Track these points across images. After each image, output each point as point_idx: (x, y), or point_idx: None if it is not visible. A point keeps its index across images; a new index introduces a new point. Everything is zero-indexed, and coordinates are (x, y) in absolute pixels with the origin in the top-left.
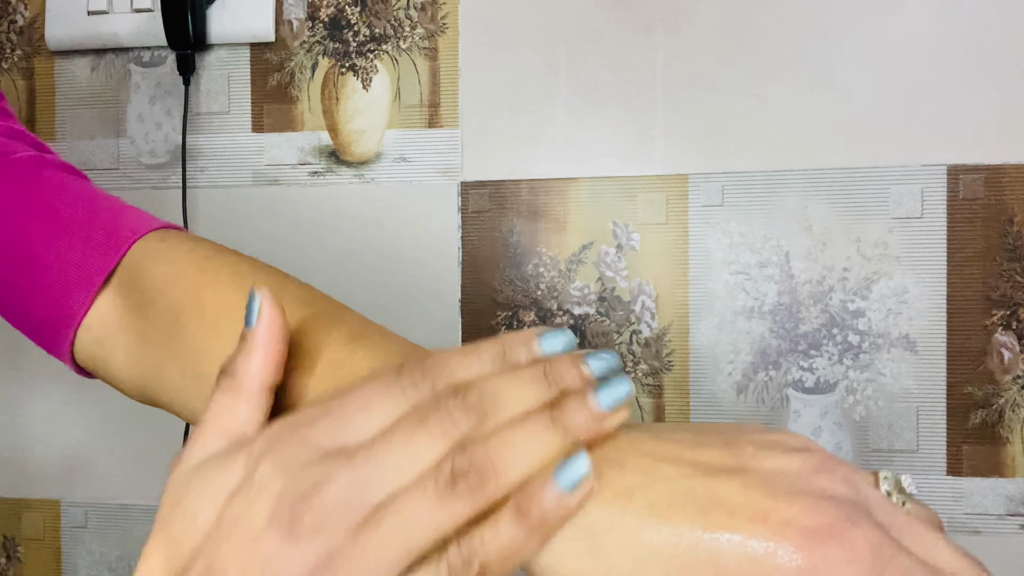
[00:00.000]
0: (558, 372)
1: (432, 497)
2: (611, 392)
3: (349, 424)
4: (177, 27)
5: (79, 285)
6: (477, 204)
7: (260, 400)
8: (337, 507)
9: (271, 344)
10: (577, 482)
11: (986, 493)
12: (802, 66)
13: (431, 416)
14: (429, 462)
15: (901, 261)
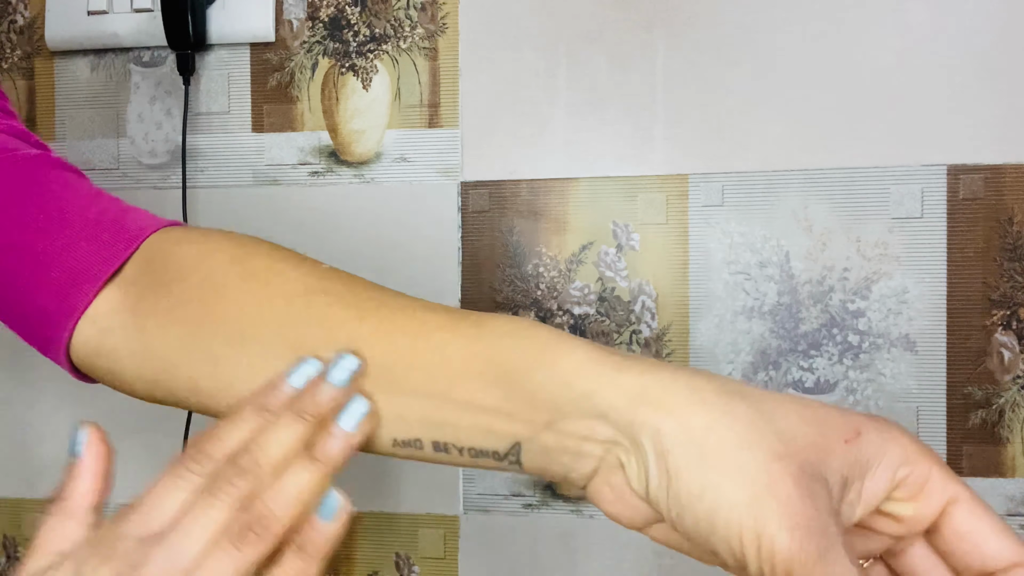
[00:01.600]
0: (306, 406)
1: (230, 550)
2: (351, 415)
3: (154, 514)
4: (177, 27)
5: (85, 278)
6: (477, 204)
7: (87, 518)
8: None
9: (97, 471)
10: (334, 512)
11: (986, 493)
12: (802, 66)
13: (215, 488)
14: (223, 523)
15: (901, 261)
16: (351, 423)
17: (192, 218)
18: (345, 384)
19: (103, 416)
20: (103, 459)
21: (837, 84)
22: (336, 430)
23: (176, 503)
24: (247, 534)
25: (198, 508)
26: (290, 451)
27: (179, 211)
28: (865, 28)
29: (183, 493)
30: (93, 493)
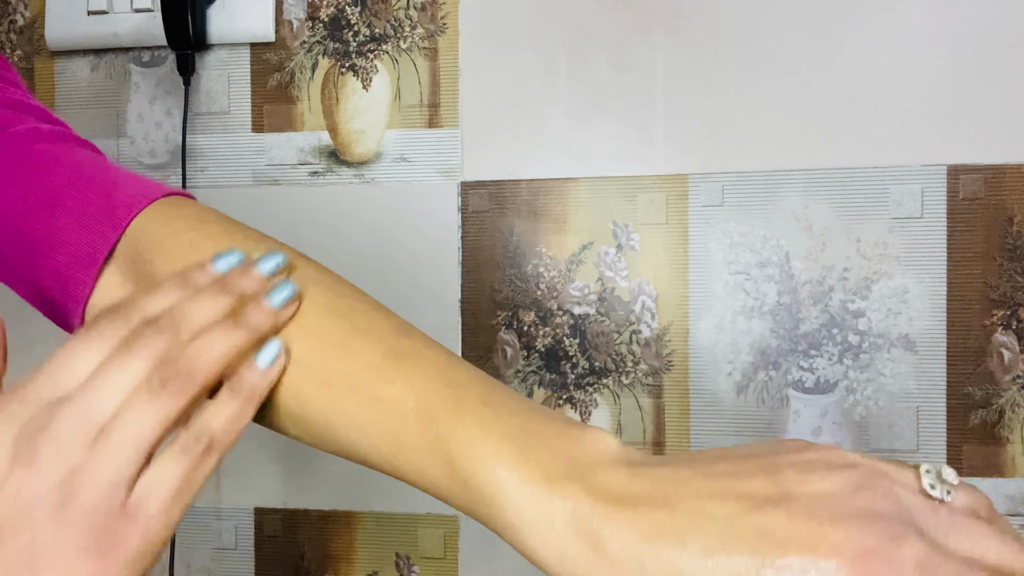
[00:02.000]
0: (233, 282)
1: (147, 401)
2: (279, 293)
3: (63, 373)
4: (177, 27)
5: (79, 264)
6: (477, 204)
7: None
8: (68, 433)
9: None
10: (272, 359)
11: (986, 493)
12: (802, 66)
13: (132, 343)
14: (140, 379)
15: (901, 261)
16: (279, 300)
17: None
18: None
19: None
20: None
21: (837, 84)
22: (264, 303)
23: (89, 363)
24: (167, 384)
25: (112, 363)
26: (213, 319)
27: None
28: (865, 28)
29: (96, 355)
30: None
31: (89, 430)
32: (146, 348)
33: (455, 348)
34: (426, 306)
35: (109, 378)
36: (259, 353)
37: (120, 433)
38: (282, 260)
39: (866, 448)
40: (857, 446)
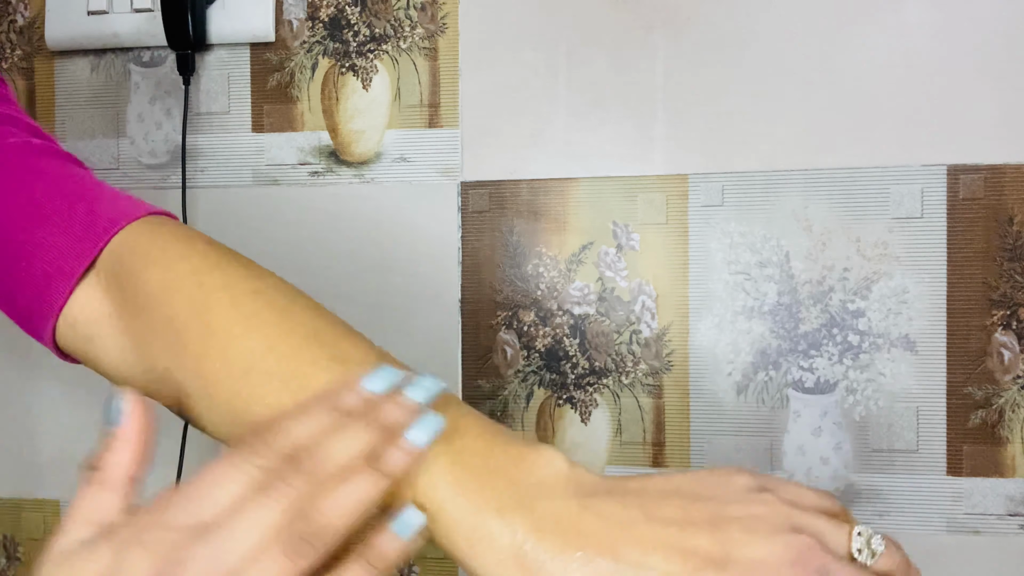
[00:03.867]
0: (380, 415)
1: (279, 556)
2: (424, 428)
3: (204, 503)
4: (177, 27)
5: (58, 276)
6: (477, 204)
7: (125, 491)
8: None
9: (137, 443)
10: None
11: (986, 493)
12: (802, 66)
13: (271, 486)
14: (275, 526)
15: (901, 261)
16: (423, 438)
17: (192, 218)
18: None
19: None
20: (144, 430)
21: (837, 84)
22: (405, 443)
23: (228, 495)
24: (300, 544)
25: (251, 505)
26: (355, 458)
27: (179, 211)
28: (865, 28)
29: (237, 485)
30: (132, 465)
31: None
32: (283, 492)
33: (455, 348)
34: (426, 306)
35: (245, 521)
36: (398, 519)
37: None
38: (438, 390)
39: (866, 448)
40: (857, 446)
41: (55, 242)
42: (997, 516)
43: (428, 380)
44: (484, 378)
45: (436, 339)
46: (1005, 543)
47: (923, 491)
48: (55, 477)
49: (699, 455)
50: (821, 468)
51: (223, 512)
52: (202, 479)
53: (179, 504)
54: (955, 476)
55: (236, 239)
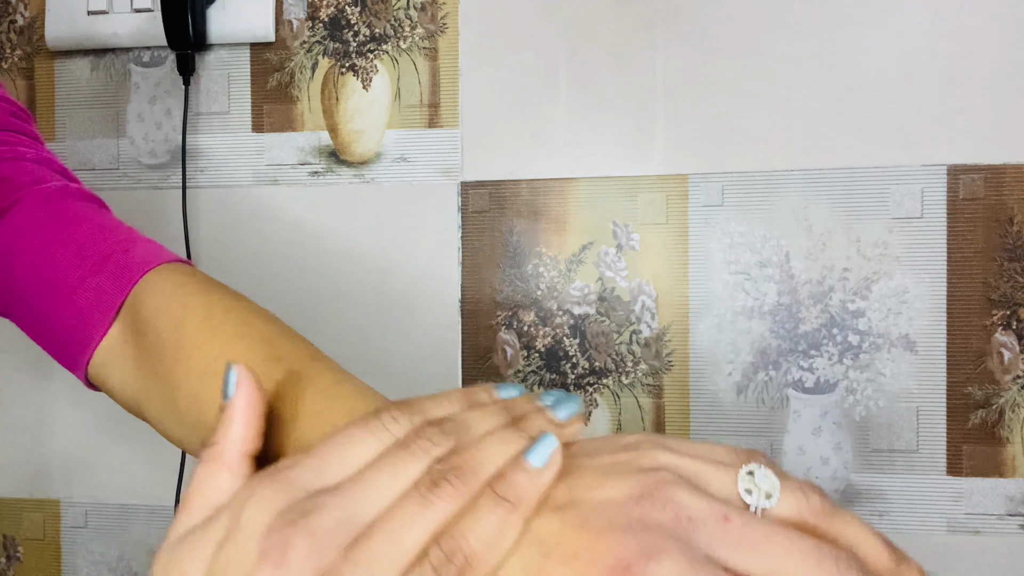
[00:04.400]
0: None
1: (417, 503)
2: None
3: (332, 462)
4: (177, 27)
5: (97, 311)
6: (477, 204)
7: (242, 468)
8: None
9: (249, 414)
10: (548, 457)
11: (986, 493)
12: (802, 66)
13: (411, 443)
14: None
15: (901, 261)
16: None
17: (192, 218)
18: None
19: (103, 416)
20: (257, 402)
21: (837, 84)
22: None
23: (360, 454)
24: (440, 484)
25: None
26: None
27: (179, 211)
28: (865, 28)
29: (371, 448)
30: (247, 440)
31: (350, 529)
32: (426, 448)
33: (455, 348)
34: (426, 306)
35: (382, 475)
36: (531, 450)
37: (380, 538)
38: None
39: (866, 448)
40: (857, 446)
41: (94, 282)
42: (997, 516)
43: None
44: (484, 378)
45: (436, 339)
46: (1005, 543)
47: (923, 491)
48: (56, 477)
49: None
50: (821, 468)
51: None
52: (333, 440)
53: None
54: (955, 476)
55: (236, 239)
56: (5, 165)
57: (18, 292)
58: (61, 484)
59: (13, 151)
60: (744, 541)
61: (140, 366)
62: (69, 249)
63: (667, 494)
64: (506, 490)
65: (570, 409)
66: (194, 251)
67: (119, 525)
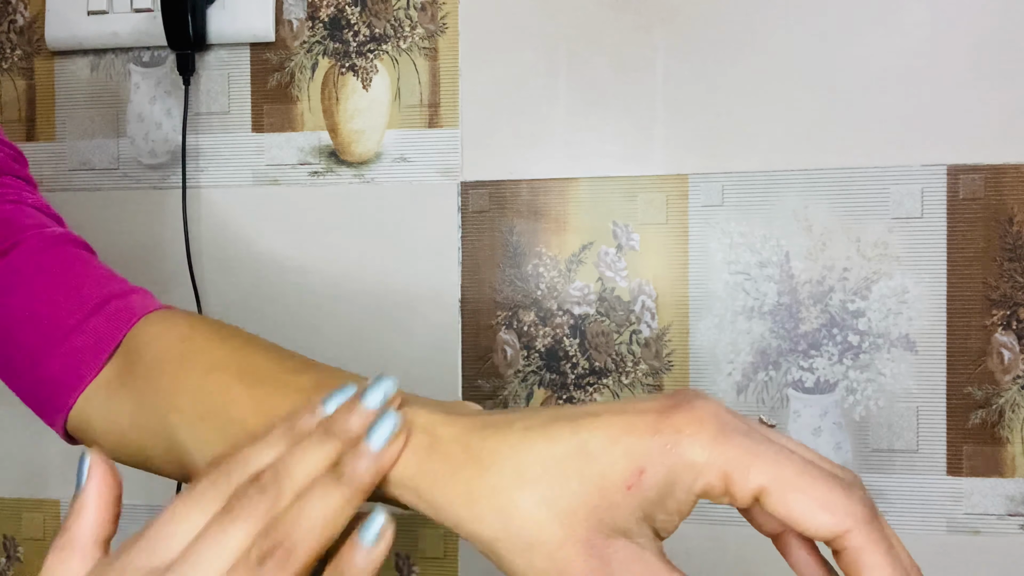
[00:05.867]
0: (337, 425)
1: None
2: (380, 431)
3: (162, 541)
4: (177, 27)
5: (91, 353)
6: (477, 204)
7: (93, 553)
8: None
9: (100, 502)
10: (376, 536)
11: (986, 493)
12: (802, 66)
13: (233, 508)
14: (241, 549)
15: (901, 261)
16: (379, 441)
17: (192, 218)
18: (378, 406)
19: None
20: (109, 489)
21: (837, 84)
22: (364, 448)
23: (190, 529)
24: (266, 564)
25: (211, 532)
26: (316, 472)
27: (179, 211)
28: (865, 28)
29: (198, 518)
30: (98, 526)
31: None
32: (247, 512)
33: (455, 348)
34: (426, 306)
35: (208, 550)
36: (363, 529)
37: None
38: (390, 388)
39: (866, 448)
40: (857, 446)
41: (90, 325)
42: (997, 516)
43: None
44: (484, 378)
45: (436, 339)
46: (1005, 543)
47: (923, 491)
48: (56, 477)
49: None
50: None
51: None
52: (160, 519)
53: (138, 547)
54: (955, 476)
55: (236, 239)
56: (8, 207)
57: (10, 333)
58: (61, 484)
59: (17, 194)
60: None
61: (131, 404)
62: (69, 292)
63: (646, 443)
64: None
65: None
66: (194, 251)
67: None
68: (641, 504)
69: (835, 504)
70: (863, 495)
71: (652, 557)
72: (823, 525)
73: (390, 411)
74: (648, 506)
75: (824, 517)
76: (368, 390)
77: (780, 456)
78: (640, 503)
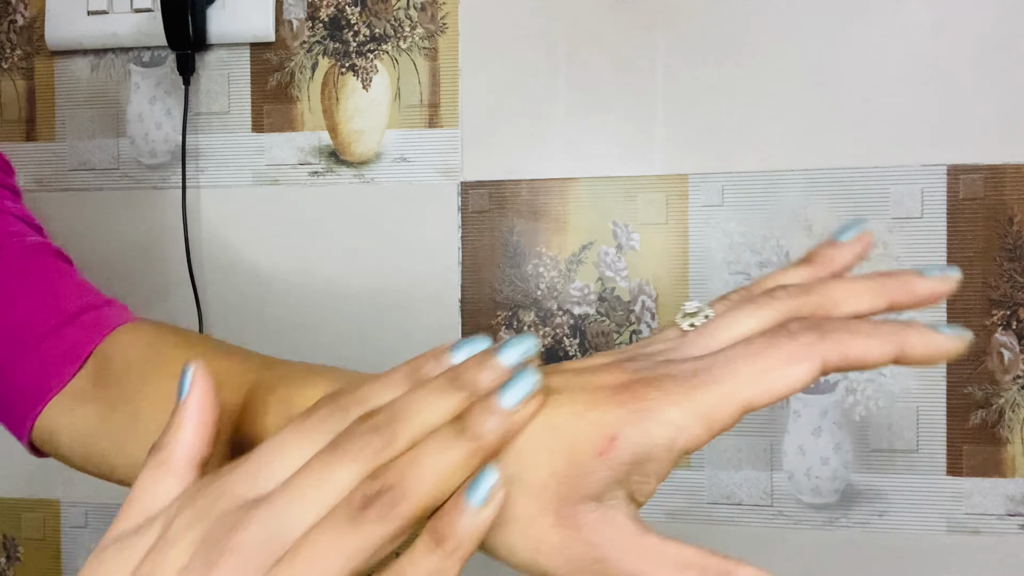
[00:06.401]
0: (466, 376)
1: (344, 524)
2: (516, 389)
3: (264, 470)
4: (177, 27)
5: (64, 360)
6: (477, 204)
7: (188, 475)
8: (253, 547)
9: (202, 418)
10: (486, 496)
11: (986, 493)
12: (802, 66)
13: (340, 446)
14: (344, 491)
15: (901, 261)
16: (514, 399)
17: (192, 218)
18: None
19: None
20: (210, 405)
21: (837, 84)
22: (493, 403)
23: (295, 461)
24: (369, 509)
25: (315, 467)
26: (437, 421)
27: (179, 211)
28: (865, 28)
29: (306, 449)
30: (197, 445)
31: (276, 547)
32: (355, 451)
33: None
34: (426, 306)
35: (310, 486)
36: (471, 488)
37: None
38: (531, 348)
39: (866, 448)
40: (857, 446)
41: (65, 332)
42: (997, 516)
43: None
44: None
45: (436, 339)
46: (1005, 543)
47: (923, 491)
48: (55, 477)
49: (699, 454)
50: (821, 468)
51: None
52: (265, 446)
53: (238, 475)
54: (955, 476)
55: (236, 239)
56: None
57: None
58: (61, 484)
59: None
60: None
61: (99, 409)
62: (45, 301)
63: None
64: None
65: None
66: (194, 251)
67: None
68: (614, 468)
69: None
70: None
71: (624, 519)
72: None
73: (530, 368)
74: (622, 469)
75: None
76: (505, 345)
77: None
78: (613, 467)
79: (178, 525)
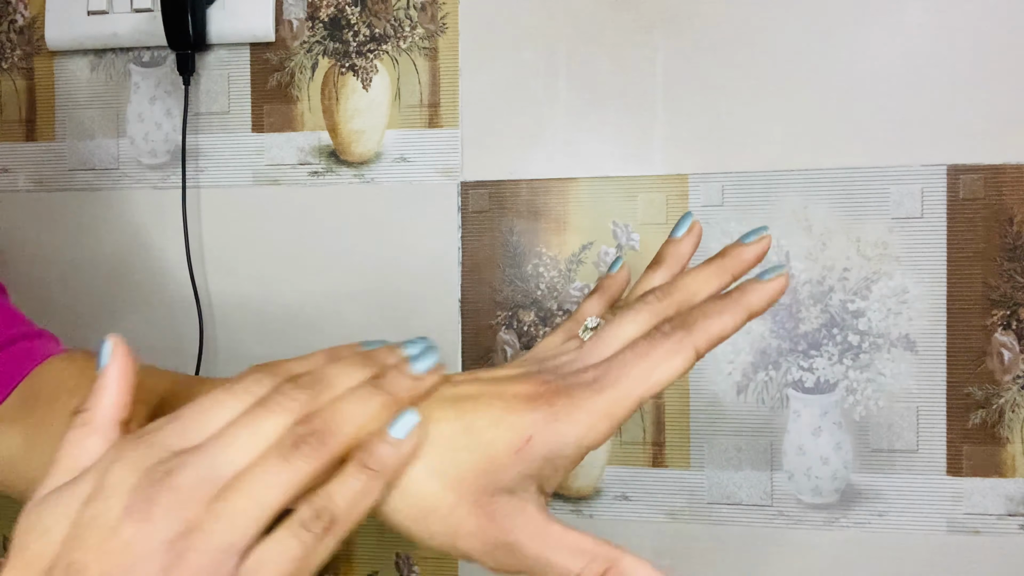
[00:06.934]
0: (378, 355)
1: (277, 461)
2: (424, 361)
3: (196, 424)
4: (177, 27)
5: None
6: (477, 204)
7: (111, 433)
8: (190, 486)
9: (121, 383)
10: (409, 430)
11: (986, 493)
12: (802, 66)
13: (270, 400)
14: (273, 437)
15: (901, 261)
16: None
17: (192, 218)
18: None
19: None
20: (131, 371)
21: (837, 84)
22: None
23: (225, 416)
24: (300, 445)
25: (247, 417)
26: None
27: (179, 211)
28: (865, 28)
29: (235, 406)
30: (118, 407)
31: (212, 485)
32: (284, 404)
33: (455, 348)
34: (426, 306)
35: (242, 432)
36: (393, 423)
37: (243, 493)
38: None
39: (866, 448)
40: (857, 446)
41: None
42: (997, 516)
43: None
44: None
45: (436, 339)
46: (1005, 543)
47: (923, 491)
48: None
49: (699, 455)
50: (821, 468)
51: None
52: (195, 404)
53: (170, 429)
54: (955, 476)
55: (236, 239)
56: None
57: None
58: None
59: None
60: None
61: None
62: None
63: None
64: (369, 459)
65: (428, 362)
66: (194, 251)
67: None
68: (527, 464)
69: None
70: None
71: (533, 509)
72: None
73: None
74: (535, 465)
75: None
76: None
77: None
78: (527, 463)
79: (114, 474)
